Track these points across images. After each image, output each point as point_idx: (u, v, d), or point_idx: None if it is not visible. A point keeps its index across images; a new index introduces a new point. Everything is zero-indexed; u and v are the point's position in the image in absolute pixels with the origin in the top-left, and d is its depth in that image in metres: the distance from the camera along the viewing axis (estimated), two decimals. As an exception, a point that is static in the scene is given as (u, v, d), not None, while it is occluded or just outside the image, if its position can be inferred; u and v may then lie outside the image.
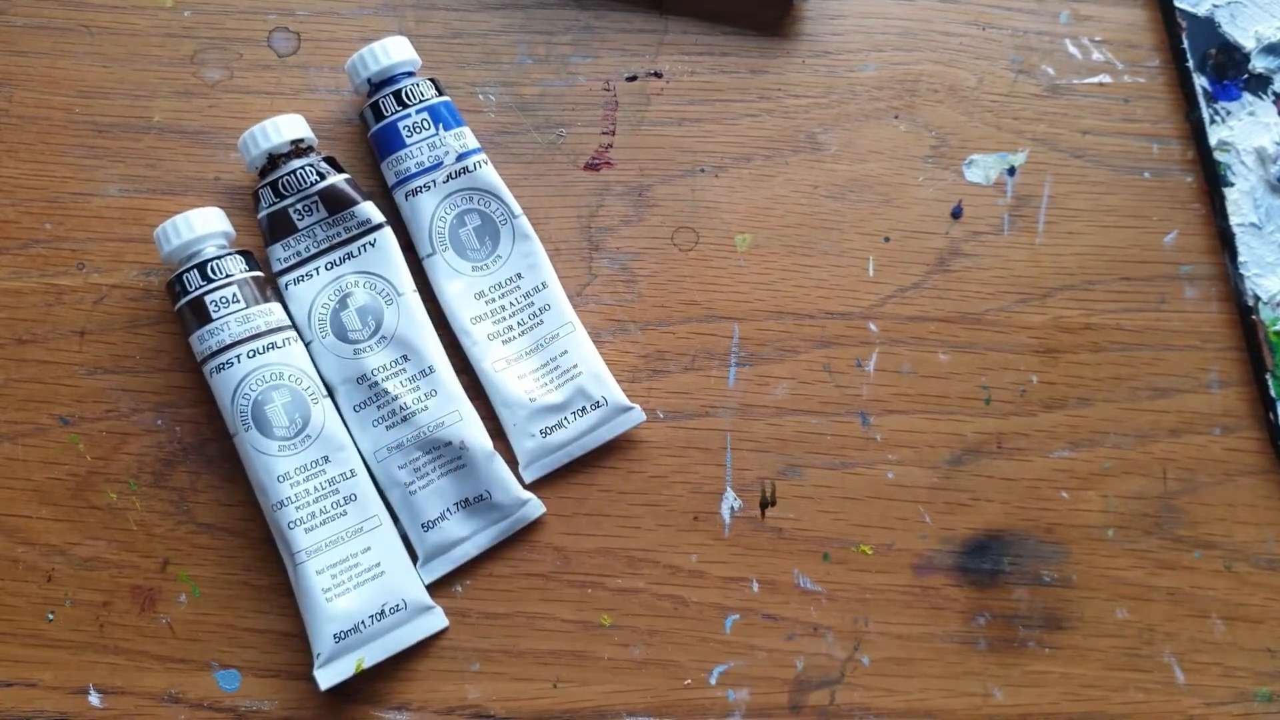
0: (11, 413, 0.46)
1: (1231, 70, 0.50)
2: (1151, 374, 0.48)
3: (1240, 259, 0.48)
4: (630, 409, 0.46)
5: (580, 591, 0.46)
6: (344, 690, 0.44)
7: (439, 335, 0.46)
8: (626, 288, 0.48)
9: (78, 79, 0.49)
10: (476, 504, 0.45)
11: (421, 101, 0.46)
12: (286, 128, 0.45)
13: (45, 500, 0.46)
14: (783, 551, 0.46)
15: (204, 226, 0.44)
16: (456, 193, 0.47)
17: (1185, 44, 0.50)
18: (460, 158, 0.46)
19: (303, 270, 0.46)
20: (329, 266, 0.46)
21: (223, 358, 0.43)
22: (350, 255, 0.46)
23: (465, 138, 0.47)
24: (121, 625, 0.45)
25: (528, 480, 0.46)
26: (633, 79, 0.50)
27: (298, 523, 0.43)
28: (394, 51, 0.46)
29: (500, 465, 0.45)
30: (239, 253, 0.45)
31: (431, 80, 0.47)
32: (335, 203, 0.45)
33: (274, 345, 0.44)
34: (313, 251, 0.46)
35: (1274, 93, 0.50)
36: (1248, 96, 0.50)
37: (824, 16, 0.51)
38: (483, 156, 0.47)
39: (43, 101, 0.49)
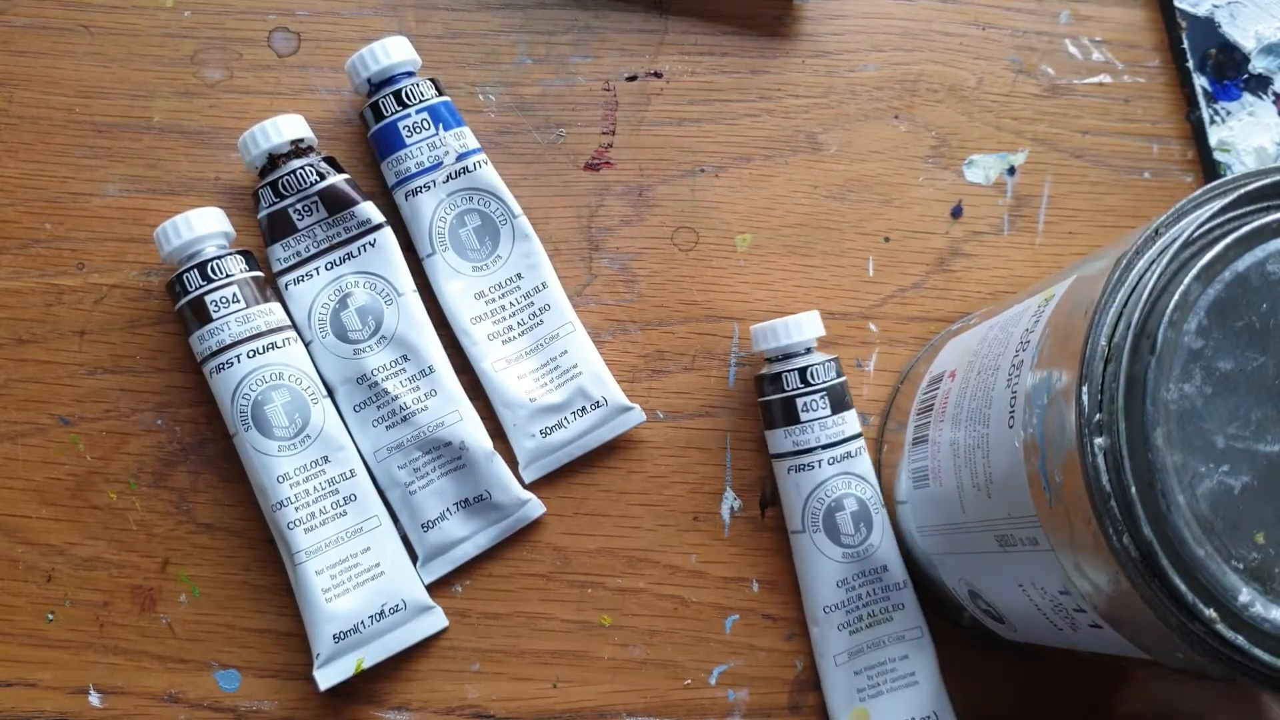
0: (11, 413, 0.46)
1: (1231, 70, 0.50)
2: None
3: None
4: (630, 409, 0.46)
5: (580, 591, 0.46)
6: (344, 690, 0.44)
7: (439, 335, 0.46)
8: (626, 288, 0.48)
9: (78, 79, 0.49)
10: (476, 504, 0.45)
11: (421, 101, 0.46)
12: (286, 128, 0.45)
13: (45, 500, 0.46)
14: (783, 551, 0.46)
15: (204, 226, 0.44)
16: (456, 193, 0.47)
17: (1185, 44, 0.50)
18: (460, 158, 0.46)
19: (303, 270, 0.46)
20: (329, 266, 0.46)
21: (223, 358, 0.43)
22: (350, 255, 0.46)
23: (465, 138, 0.47)
24: (121, 625, 0.45)
25: (528, 480, 0.46)
26: (633, 79, 0.50)
27: (297, 523, 0.43)
28: (394, 51, 0.46)
29: (500, 465, 0.45)
30: (239, 253, 0.45)
31: (431, 80, 0.47)
32: (335, 203, 0.45)
33: (274, 345, 0.44)
34: (313, 251, 0.46)
35: (1274, 93, 0.50)
36: (1248, 96, 0.50)
37: (824, 16, 0.51)
38: (483, 156, 0.47)
39: (43, 101, 0.49)
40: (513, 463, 0.46)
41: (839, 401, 0.45)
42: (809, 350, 0.45)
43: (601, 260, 0.48)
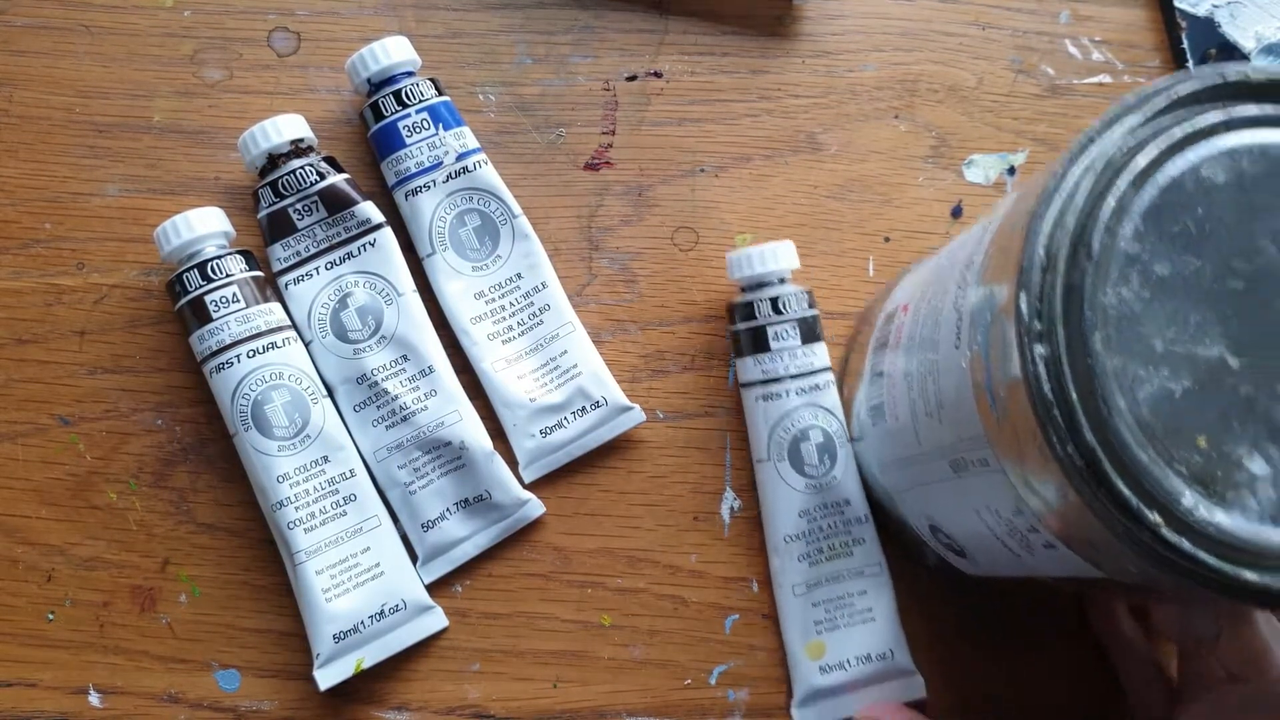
0: (11, 413, 0.46)
1: (1231, 70, 0.50)
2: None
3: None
4: (630, 409, 0.46)
5: (580, 591, 0.46)
6: (344, 690, 0.44)
7: (439, 335, 0.46)
8: (626, 288, 0.48)
9: (78, 79, 0.49)
10: (476, 504, 0.45)
11: (421, 101, 0.46)
12: (286, 128, 0.45)
13: (45, 500, 0.46)
14: (783, 551, 0.46)
15: (204, 226, 0.44)
16: (456, 193, 0.47)
17: (1185, 44, 0.50)
18: (460, 158, 0.46)
19: (303, 270, 0.46)
20: (329, 266, 0.46)
21: (223, 357, 0.43)
22: (350, 255, 0.46)
23: (465, 138, 0.47)
24: (121, 625, 0.45)
25: (528, 480, 0.46)
26: (633, 79, 0.50)
27: (297, 523, 0.43)
28: (394, 51, 0.46)
29: (500, 465, 0.45)
30: (239, 253, 0.45)
31: (431, 80, 0.47)
32: (335, 202, 0.45)
33: (274, 345, 0.44)
34: (313, 251, 0.46)
35: (1274, 93, 0.50)
36: (1248, 96, 0.50)
37: (824, 16, 0.51)
38: (483, 156, 0.47)
39: (43, 101, 0.49)
40: (513, 463, 0.46)
41: (809, 333, 0.45)
42: (782, 281, 0.45)
43: (601, 260, 0.48)
